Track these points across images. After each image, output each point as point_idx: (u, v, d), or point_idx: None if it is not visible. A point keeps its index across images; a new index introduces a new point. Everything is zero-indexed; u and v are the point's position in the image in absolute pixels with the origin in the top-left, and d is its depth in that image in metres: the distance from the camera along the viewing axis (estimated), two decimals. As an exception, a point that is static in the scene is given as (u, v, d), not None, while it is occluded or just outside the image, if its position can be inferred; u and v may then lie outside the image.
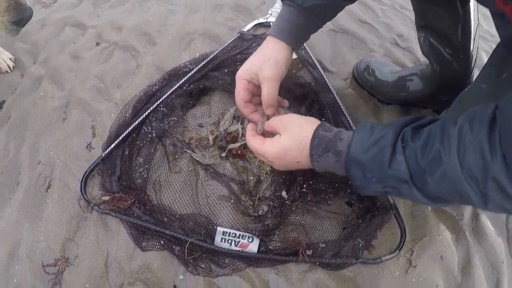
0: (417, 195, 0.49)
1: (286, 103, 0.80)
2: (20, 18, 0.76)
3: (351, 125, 0.88)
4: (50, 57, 1.08)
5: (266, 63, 0.68)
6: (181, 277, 0.79)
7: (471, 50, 0.83)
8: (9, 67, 1.09)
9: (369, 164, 0.51)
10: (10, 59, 1.10)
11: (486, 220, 0.89)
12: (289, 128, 0.63)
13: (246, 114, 0.75)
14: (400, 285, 0.79)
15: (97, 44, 1.12)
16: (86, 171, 0.86)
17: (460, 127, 0.44)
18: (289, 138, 0.61)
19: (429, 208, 0.86)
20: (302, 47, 1.03)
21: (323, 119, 0.88)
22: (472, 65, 0.85)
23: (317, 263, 0.77)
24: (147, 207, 0.80)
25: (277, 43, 0.70)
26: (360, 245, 0.79)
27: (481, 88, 0.68)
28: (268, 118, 0.72)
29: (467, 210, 0.88)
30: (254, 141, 0.68)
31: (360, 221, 0.79)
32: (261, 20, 1.19)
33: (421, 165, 0.46)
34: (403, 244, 0.79)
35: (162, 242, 0.78)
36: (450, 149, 0.44)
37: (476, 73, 0.77)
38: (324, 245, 0.78)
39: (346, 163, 0.54)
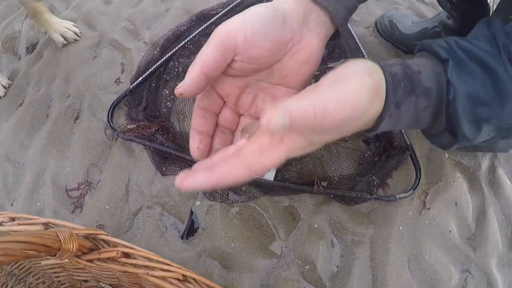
0: None
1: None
2: None
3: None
4: (82, 2, 1.13)
5: None
6: (198, 203, 0.82)
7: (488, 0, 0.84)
8: (76, 34, 1.06)
9: (478, 97, 0.33)
10: (74, 25, 1.07)
11: (504, 174, 0.88)
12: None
13: None
14: (413, 226, 0.80)
15: (128, -10, 1.16)
16: (114, 102, 0.90)
17: None
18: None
19: (446, 154, 0.87)
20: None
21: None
22: (490, 12, 0.86)
23: (332, 196, 0.79)
24: (170, 134, 0.84)
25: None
26: (375, 182, 0.80)
27: None
28: None
29: (485, 162, 0.88)
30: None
31: (376, 159, 0.80)
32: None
33: None
34: (418, 184, 0.79)
35: (182, 167, 0.81)
36: None
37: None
38: (339, 178, 0.79)
39: (451, 104, 0.33)
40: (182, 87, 0.32)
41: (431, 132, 0.39)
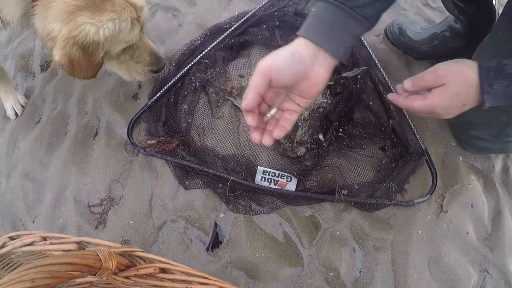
0: None
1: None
2: (158, 68, 0.87)
3: (386, 78, 0.91)
4: (94, 19, 1.14)
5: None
6: (221, 215, 0.84)
7: (494, 3, 0.86)
8: None
9: None
10: None
11: (517, 174, 0.90)
12: (449, 75, 0.59)
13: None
14: (431, 229, 0.82)
15: (139, 6, 1.17)
16: (133, 118, 0.91)
17: None
18: (454, 85, 0.58)
19: (460, 158, 0.89)
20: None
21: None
22: (497, 17, 0.88)
23: (352, 203, 0.81)
24: (191, 149, 0.85)
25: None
26: (393, 188, 0.82)
27: (497, 35, 0.73)
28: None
29: (498, 163, 0.90)
30: (419, 102, 0.61)
31: (393, 165, 0.82)
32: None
33: None
34: (434, 188, 0.82)
35: (205, 181, 0.83)
36: None
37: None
38: (358, 186, 0.81)
39: None
40: (245, 103, 0.51)
41: None
